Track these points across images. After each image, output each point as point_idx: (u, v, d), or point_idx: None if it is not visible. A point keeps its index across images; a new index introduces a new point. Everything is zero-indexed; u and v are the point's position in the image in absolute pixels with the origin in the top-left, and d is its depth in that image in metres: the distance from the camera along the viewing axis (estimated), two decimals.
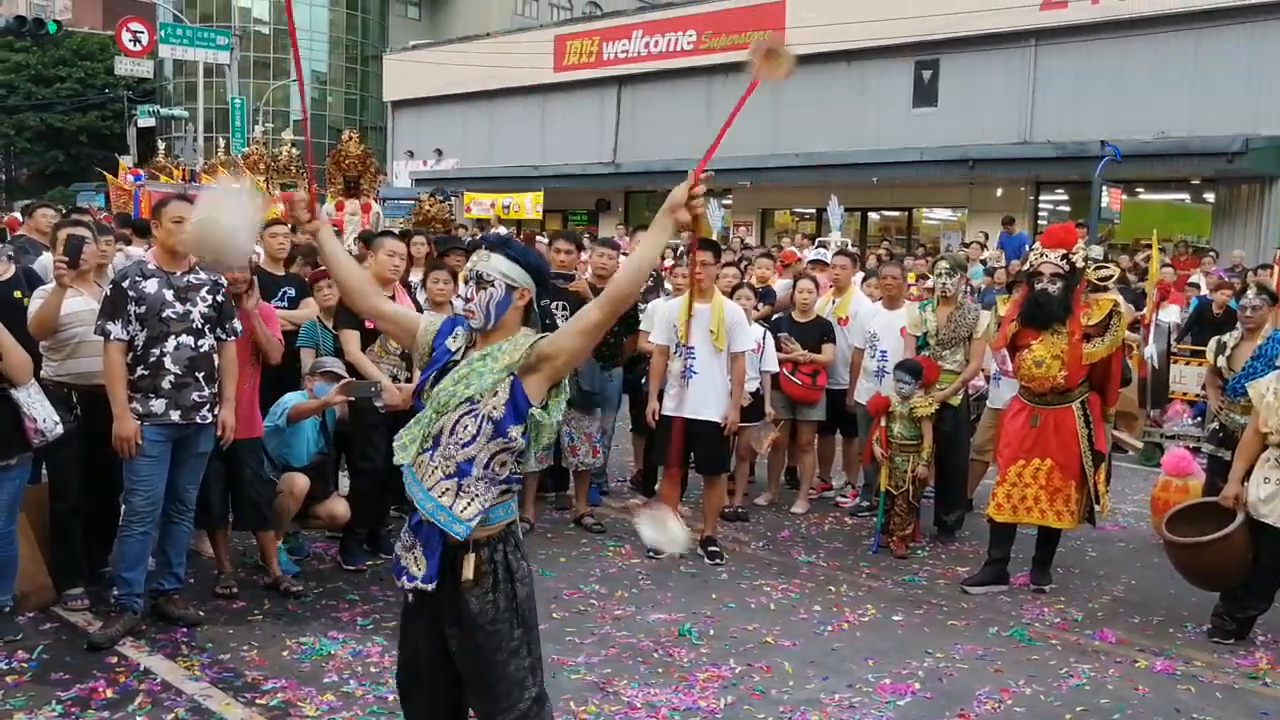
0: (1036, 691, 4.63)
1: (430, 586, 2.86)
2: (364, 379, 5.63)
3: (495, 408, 2.83)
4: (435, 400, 2.89)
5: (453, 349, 2.97)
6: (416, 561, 2.89)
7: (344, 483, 6.42)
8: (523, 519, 6.61)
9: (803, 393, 7.45)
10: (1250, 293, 6.35)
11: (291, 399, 5.71)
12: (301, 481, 5.58)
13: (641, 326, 7.08)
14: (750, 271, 8.87)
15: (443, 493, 2.85)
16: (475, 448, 2.84)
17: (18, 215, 15.42)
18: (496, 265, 2.95)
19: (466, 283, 3.02)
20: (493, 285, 2.93)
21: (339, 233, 12.73)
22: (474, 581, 2.85)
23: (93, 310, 4.81)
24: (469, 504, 2.84)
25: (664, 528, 3.02)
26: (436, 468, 2.86)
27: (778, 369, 7.34)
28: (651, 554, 6.18)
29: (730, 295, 7.00)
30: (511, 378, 2.84)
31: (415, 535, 2.91)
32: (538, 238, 8.88)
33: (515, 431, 2.84)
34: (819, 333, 7.52)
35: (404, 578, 2.93)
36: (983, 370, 7.24)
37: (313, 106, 46.54)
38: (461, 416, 2.84)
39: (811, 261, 8.62)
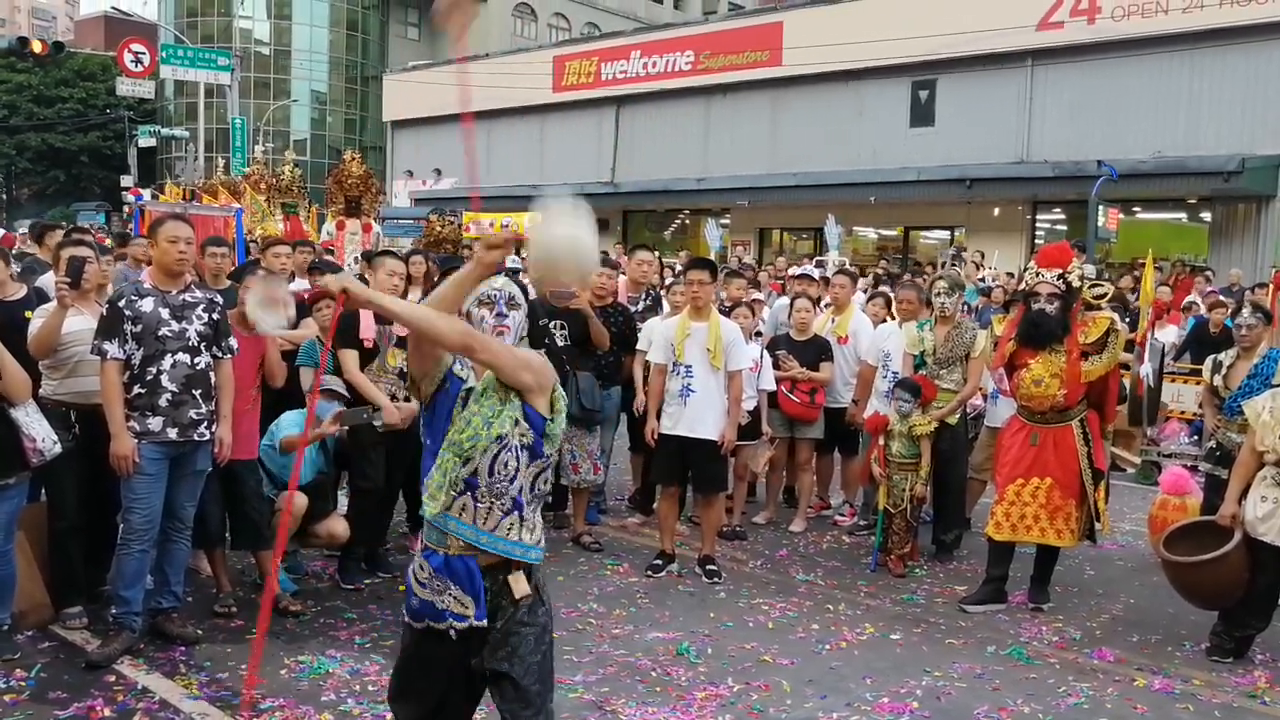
0: (1035, 710, 4.63)
1: (485, 623, 2.91)
2: (359, 405, 5.64)
3: (524, 435, 2.91)
4: (456, 445, 2.89)
5: (463, 377, 2.99)
6: (459, 601, 2.90)
7: (342, 502, 6.43)
8: None
9: (801, 411, 7.46)
10: (1245, 311, 6.36)
11: (290, 418, 5.73)
12: (299, 500, 5.59)
13: (639, 347, 7.09)
14: (725, 289, 8.79)
15: (508, 529, 2.92)
16: (521, 478, 2.92)
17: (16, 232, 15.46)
18: (515, 289, 3.08)
19: (494, 303, 3.04)
20: (520, 308, 3.08)
21: (330, 251, 12.78)
22: (531, 595, 2.96)
23: (93, 330, 4.82)
24: (534, 530, 2.98)
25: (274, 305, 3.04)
26: (490, 508, 2.90)
27: (775, 388, 7.36)
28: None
29: (728, 314, 7.03)
30: (521, 403, 2.91)
31: (447, 577, 2.91)
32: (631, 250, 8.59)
33: (548, 448, 2.96)
34: (817, 351, 7.54)
35: (449, 618, 2.91)
36: (980, 389, 7.26)
37: (312, 126, 46.79)
38: (498, 454, 2.88)
39: (796, 277, 8.60)
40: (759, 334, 7.68)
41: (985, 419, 7.62)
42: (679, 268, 11.72)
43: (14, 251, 8.43)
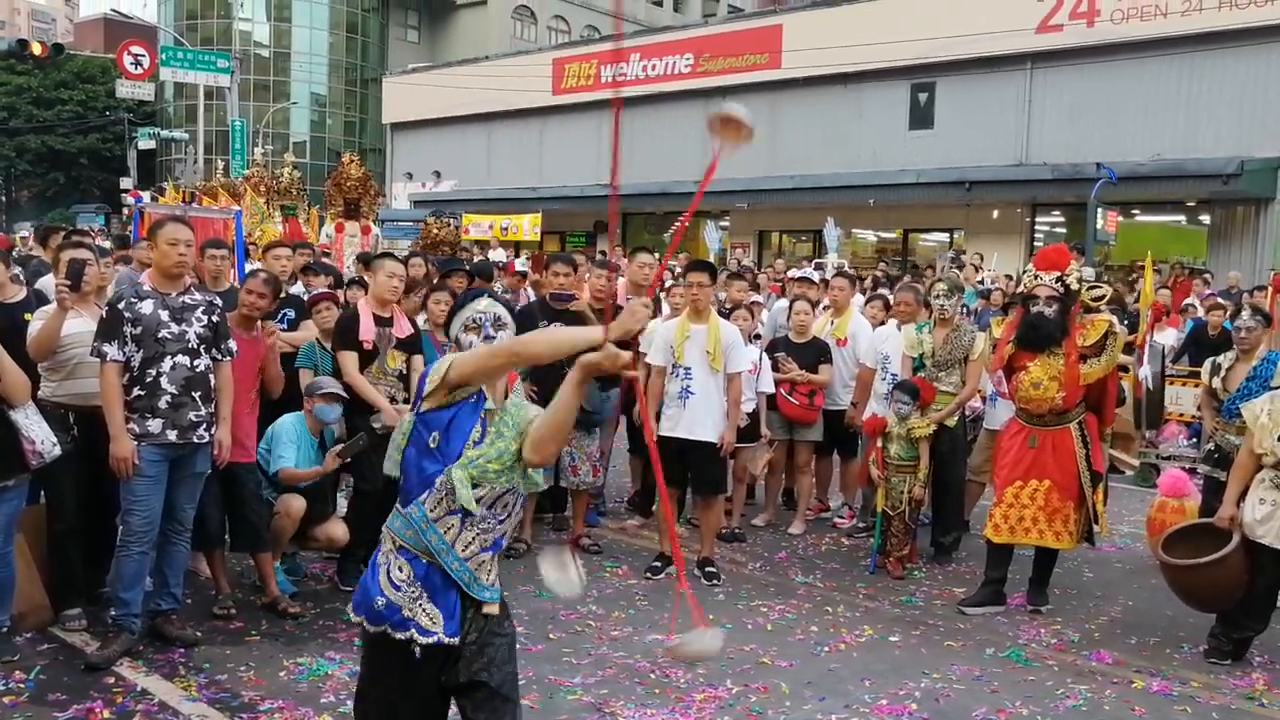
0: (1033, 712, 4.63)
1: (455, 640, 2.87)
2: (354, 406, 5.64)
3: (523, 484, 2.93)
4: (478, 468, 2.82)
5: (486, 394, 2.91)
6: (428, 615, 2.85)
7: (341, 504, 6.43)
8: (520, 540, 6.68)
9: (800, 413, 7.46)
10: (1244, 314, 6.38)
11: (287, 421, 5.72)
12: (297, 504, 5.59)
13: (642, 349, 7.10)
14: (726, 292, 8.74)
15: (479, 565, 2.90)
16: (509, 523, 2.95)
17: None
18: (500, 309, 3.08)
19: (481, 326, 3.03)
20: (507, 328, 3.06)
21: (326, 254, 12.75)
22: (500, 614, 2.97)
23: (92, 332, 4.82)
24: (493, 571, 2.96)
25: (565, 570, 2.99)
26: (474, 540, 2.88)
27: (774, 390, 7.36)
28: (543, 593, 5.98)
29: (727, 317, 7.03)
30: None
31: (424, 586, 2.86)
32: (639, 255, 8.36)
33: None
34: (816, 353, 7.55)
35: (412, 630, 2.84)
36: (979, 391, 7.26)
37: (312, 129, 46.80)
38: (504, 494, 2.88)
39: (797, 279, 8.60)
40: (757, 336, 7.69)
41: (984, 421, 7.63)
42: (678, 270, 11.72)
43: (17, 254, 8.44)
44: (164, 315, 4.75)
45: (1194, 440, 9.78)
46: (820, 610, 5.94)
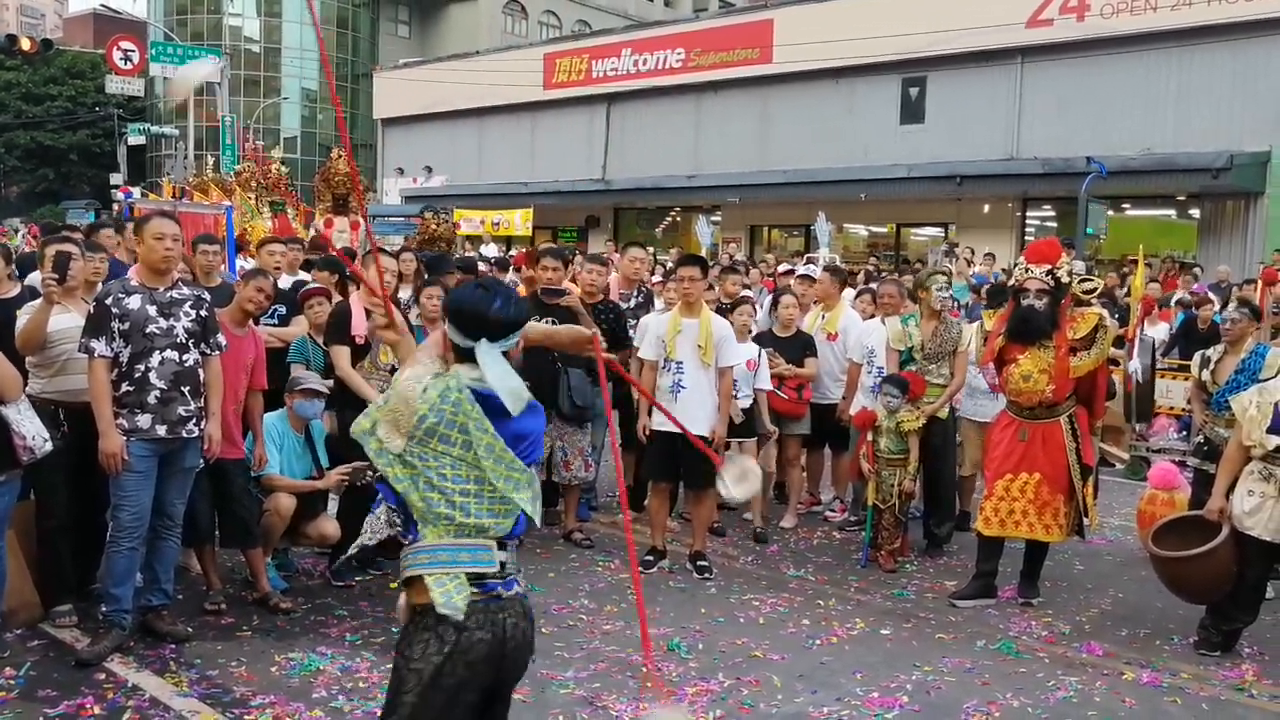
0: (1024, 704, 4.65)
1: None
2: (342, 402, 5.62)
3: None
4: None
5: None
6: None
7: (332, 504, 6.41)
8: None
9: (788, 407, 7.47)
10: (1231, 307, 6.41)
11: (268, 421, 5.69)
12: (286, 502, 5.58)
13: (636, 343, 7.08)
14: (720, 287, 8.69)
15: None
16: None
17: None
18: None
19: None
20: None
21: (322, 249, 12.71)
22: None
23: (80, 327, 4.80)
24: None
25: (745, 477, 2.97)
26: None
27: (769, 386, 7.36)
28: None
29: (730, 311, 7.04)
30: None
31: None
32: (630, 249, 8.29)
33: None
34: (801, 347, 7.55)
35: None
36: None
37: (303, 124, 46.67)
38: None
39: (800, 276, 8.61)
40: (749, 332, 7.67)
41: (971, 414, 7.61)
42: (670, 264, 11.73)
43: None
44: (152, 310, 4.73)
45: (1184, 433, 9.80)
46: (812, 603, 5.95)
